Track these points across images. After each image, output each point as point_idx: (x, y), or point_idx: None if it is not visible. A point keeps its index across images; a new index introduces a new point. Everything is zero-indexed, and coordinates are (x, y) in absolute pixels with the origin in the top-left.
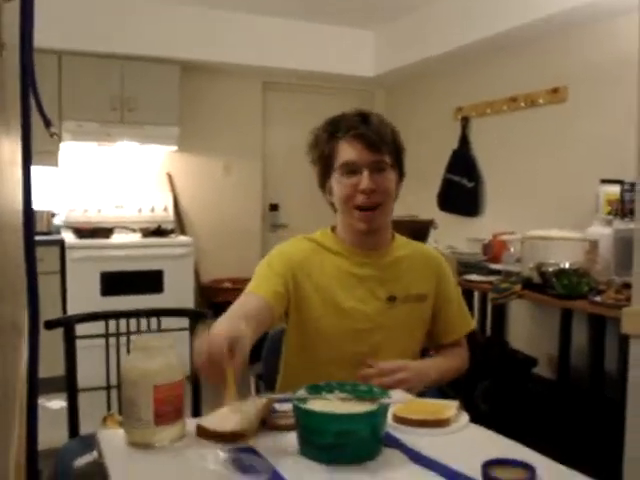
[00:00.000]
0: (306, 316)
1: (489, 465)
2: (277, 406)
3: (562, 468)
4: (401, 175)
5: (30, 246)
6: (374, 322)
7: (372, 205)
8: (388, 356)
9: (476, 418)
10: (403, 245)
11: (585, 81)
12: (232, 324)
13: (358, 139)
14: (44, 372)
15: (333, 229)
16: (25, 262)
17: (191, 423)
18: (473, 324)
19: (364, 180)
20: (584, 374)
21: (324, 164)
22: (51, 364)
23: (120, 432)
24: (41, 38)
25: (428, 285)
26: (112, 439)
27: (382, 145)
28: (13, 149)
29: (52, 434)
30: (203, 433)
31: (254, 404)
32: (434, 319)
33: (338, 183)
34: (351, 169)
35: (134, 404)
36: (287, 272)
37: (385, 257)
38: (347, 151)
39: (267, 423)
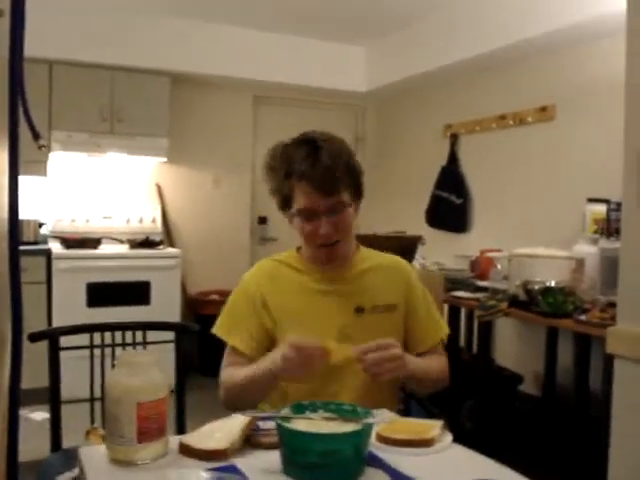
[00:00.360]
0: (277, 336)
1: None
2: (261, 424)
3: None
4: (361, 196)
5: (15, 256)
6: (344, 335)
7: (332, 242)
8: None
9: (462, 436)
10: (369, 257)
11: (573, 100)
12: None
13: (311, 185)
14: (27, 383)
15: (299, 249)
16: (9, 272)
17: (174, 440)
18: (446, 330)
19: (322, 227)
20: (569, 392)
21: (282, 200)
22: (34, 375)
23: (102, 448)
24: (32, 47)
25: (397, 295)
26: (94, 456)
27: (336, 185)
28: (1, 160)
29: (34, 446)
30: (186, 450)
31: (238, 422)
32: (405, 329)
33: (298, 225)
34: (308, 215)
35: (117, 420)
36: (257, 304)
37: (349, 270)
38: (302, 198)
39: (250, 441)
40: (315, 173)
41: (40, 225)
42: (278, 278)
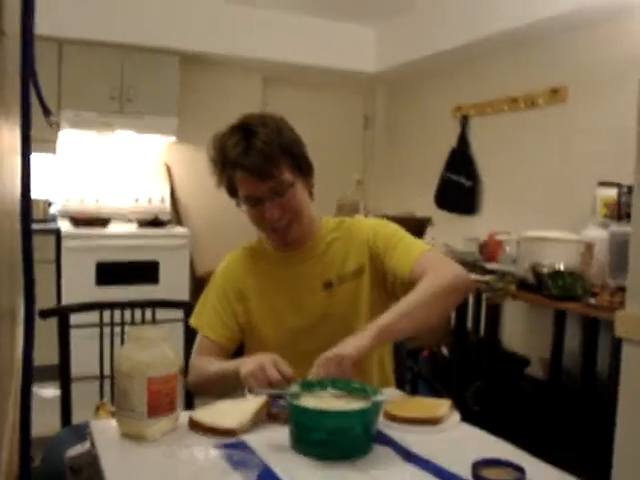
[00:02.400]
0: (255, 326)
1: (478, 465)
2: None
3: (552, 470)
4: (307, 170)
5: (27, 235)
6: (318, 314)
7: (283, 225)
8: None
9: (467, 418)
10: (334, 228)
11: (585, 82)
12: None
13: (246, 172)
14: (38, 360)
15: None
16: (22, 252)
17: (184, 416)
18: (420, 249)
19: (267, 211)
20: (576, 375)
21: (228, 190)
22: (45, 352)
23: (113, 423)
24: (42, 25)
25: (361, 256)
26: (105, 430)
27: (273, 169)
28: (12, 137)
29: (44, 422)
30: (195, 426)
31: (252, 404)
32: (386, 272)
33: (247, 212)
34: (254, 201)
35: (127, 395)
36: (231, 296)
37: (314, 249)
38: (243, 186)
39: (268, 414)
40: (247, 160)
41: (49, 204)
42: (249, 267)
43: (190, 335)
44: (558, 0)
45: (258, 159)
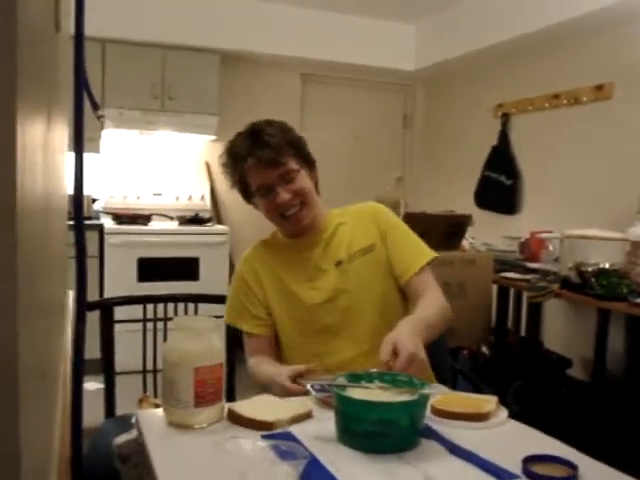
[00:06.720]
0: (273, 309)
1: (529, 460)
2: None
3: (605, 468)
4: (310, 163)
5: (80, 231)
6: (332, 289)
7: (296, 208)
8: (365, 310)
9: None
10: (340, 214)
11: (632, 77)
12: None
13: (257, 163)
14: None
15: None
16: (75, 247)
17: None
18: (428, 255)
19: (279, 196)
20: (619, 376)
21: (242, 188)
22: (87, 347)
23: (158, 413)
24: (86, 27)
25: (370, 236)
26: (151, 419)
27: (280, 157)
28: (63, 134)
29: (88, 414)
30: (234, 417)
31: (296, 405)
32: (391, 261)
33: (261, 204)
34: (265, 190)
35: (174, 384)
36: (252, 283)
37: (323, 233)
38: (254, 177)
39: (321, 400)
40: (258, 151)
41: (93, 201)
42: (264, 256)
43: (230, 329)
44: None
45: (266, 149)
